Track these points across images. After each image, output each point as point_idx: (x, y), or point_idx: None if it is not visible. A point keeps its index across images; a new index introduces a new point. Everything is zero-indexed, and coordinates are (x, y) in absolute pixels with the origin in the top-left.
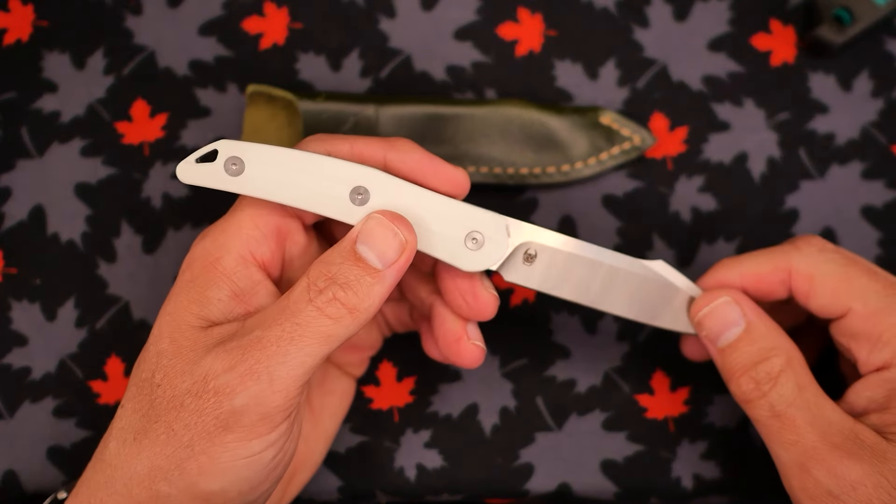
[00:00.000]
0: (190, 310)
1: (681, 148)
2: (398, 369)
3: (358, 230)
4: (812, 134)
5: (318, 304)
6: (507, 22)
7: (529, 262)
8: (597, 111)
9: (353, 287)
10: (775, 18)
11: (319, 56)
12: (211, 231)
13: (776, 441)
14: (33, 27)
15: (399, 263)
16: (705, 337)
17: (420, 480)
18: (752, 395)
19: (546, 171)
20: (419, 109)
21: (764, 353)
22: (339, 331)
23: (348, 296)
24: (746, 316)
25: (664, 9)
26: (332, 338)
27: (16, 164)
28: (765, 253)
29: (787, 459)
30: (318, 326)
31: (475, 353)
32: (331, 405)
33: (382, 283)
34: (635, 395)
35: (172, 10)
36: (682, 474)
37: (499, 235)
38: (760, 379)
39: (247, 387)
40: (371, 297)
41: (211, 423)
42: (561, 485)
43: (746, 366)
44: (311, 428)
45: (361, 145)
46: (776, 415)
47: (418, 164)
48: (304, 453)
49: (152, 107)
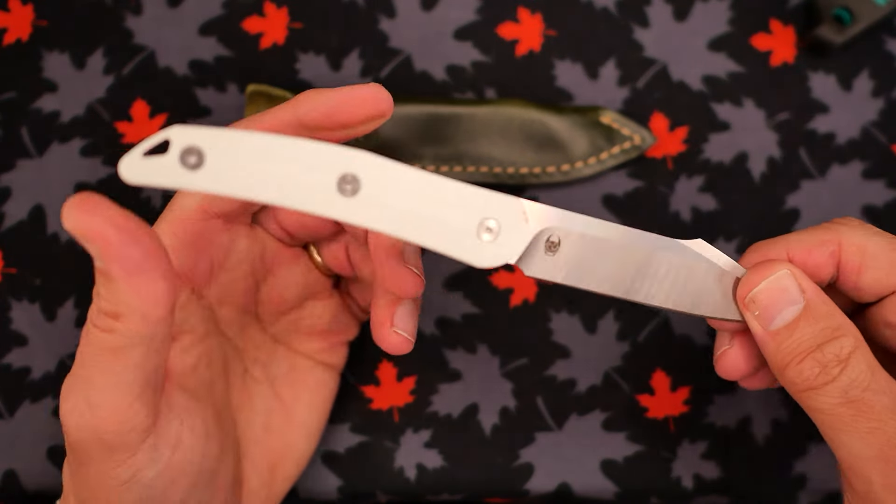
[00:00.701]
0: None
1: (681, 148)
2: (398, 369)
3: None
4: (812, 134)
5: (92, 319)
6: (507, 22)
7: (552, 251)
8: (597, 111)
9: (102, 295)
10: (775, 18)
11: (319, 56)
12: None
13: (850, 431)
14: (33, 27)
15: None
16: (757, 317)
17: (420, 480)
18: (819, 380)
19: (546, 171)
20: (419, 109)
21: (829, 333)
22: (118, 341)
23: (102, 304)
24: (805, 292)
25: (664, 9)
26: (118, 351)
27: (16, 164)
28: (810, 229)
29: (865, 451)
30: (99, 343)
31: (396, 342)
32: (305, 396)
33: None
34: (635, 394)
35: (172, 10)
36: (683, 474)
37: (517, 222)
38: (828, 362)
39: (74, 419)
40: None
41: (74, 461)
42: (561, 485)
43: (809, 347)
44: (283, 421)
45: (270, 120)
46: (850, 401)
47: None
48: (279, 447)
49: (152, 107)
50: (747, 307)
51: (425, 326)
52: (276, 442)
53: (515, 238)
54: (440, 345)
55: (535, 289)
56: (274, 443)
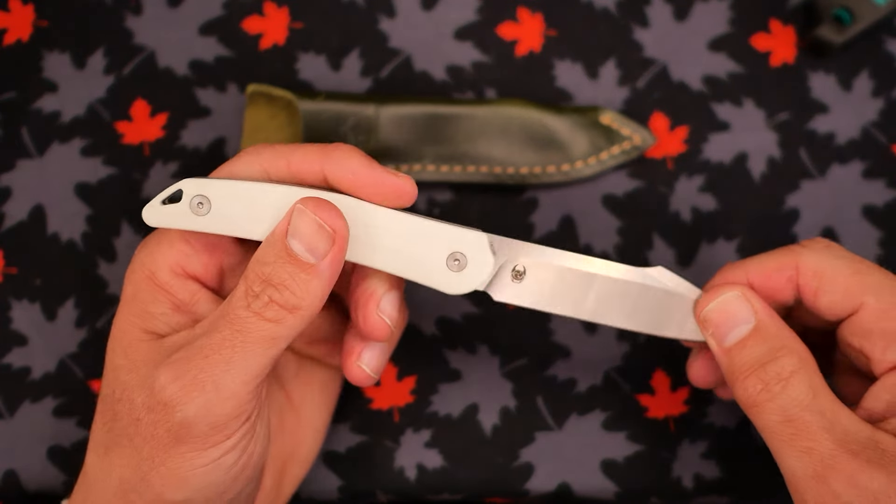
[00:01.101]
0: (135, 324)
1: (681, 148)
2: (398, 369)
3: (286, 222)
4: (812, 134)
5: (256, 308)
6: (507, 22)
7: (518, 279)
8: (597, 111)
9: (288, 286)
10: (775, 18)
11: (319, 56)
12: (147, 243)
13: (788, 449)
14: (33, 27)
15: (333, 255)
16: (711, 335)
17: (420, 480)
18: (761, 397)
19: (546, 171)
20: (419, 109)
21: (774, 353)
22: (282, 332)
23: (285, 296)
24: (757, 313)
25: (664, 9)
26: (275, 340)
27: (16, 164)
28: (770, 253)
29: (801, 470)
30: (259, 331)
31: (360, 376)
32: (312, 397)
33: (320, 278)
34: (636, 394)
35: (172, 10)
36: (683, 474)
37: (482, 254)
38: (769, 380)
39: (192, 398)
40: (311, 294)
41: (164, 435)
42: (561, 485)
43: (754, 365)
44: (294, 421)
45: (299, 160)
46: (788, 419)
47: (356, 174)
48: (290, 447)
49: (152, 106)
50: (704, 326)
51: (425, 326)
52: (288, 442)
53: (481, 269)
54: (440, 345)
55: None
56: (286, 443)
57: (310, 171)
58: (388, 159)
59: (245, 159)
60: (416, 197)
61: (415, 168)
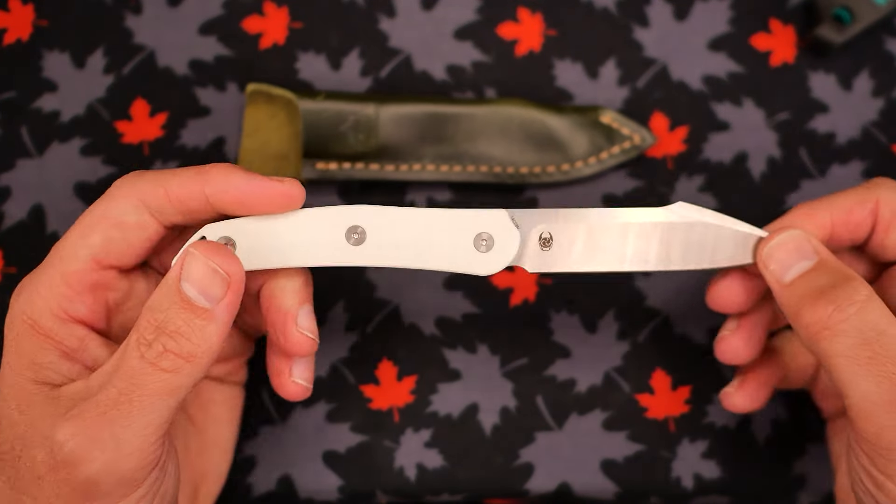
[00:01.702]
0: (25, 377)
1: (681, 147)
2: (398, 369)
3: (180, 267)
4: (812, 133)
5: (150, 358)
6: (507, 21)
7: (547, 246)
8: (597, 110)
9: (183, 333)
10: (775, 18)
11: (319, 55)
12: (25, 287)
13: (863, 373)
14: (33, 27)
15: (228, 299)
16: (773, 271)
17: (420, 480)
18: (833, 319)
19: (546, 171)
20: (419, 109)
21: (842, 280)
22: (180, 381)
23: (181, 344)
24: (819, 253)
25: (664, 8)
26: (174, 391)
27: (16, 164)
28: (850, 190)
29: (877, 394)
30: (156, 382)
31: (296, 391)
32: (216, 414)
33: (216, 323)
34: (635, 394)
35: (172, 10)
36: (683, 474)
37: (506, 229)
38: (842, 301)
39: (94, 456)
40: (207, 341)
41: (70, 493)
42: (561, 485)
43: (823, 289)
44: (199, 443)
45: (177, 186)
46: (865, 342)
47: (240, 191)
48: (200, 469)
49: (152, 106)
50: (765, 263)
51: (425, 326)
52: (196, 464)
53: (508, 243)
54: (440, 345)
55: (535, 289)
56: (194, 465)
57: (190, 196)
58: (388, 159)
59: (120, 194)
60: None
61: (415, 168)
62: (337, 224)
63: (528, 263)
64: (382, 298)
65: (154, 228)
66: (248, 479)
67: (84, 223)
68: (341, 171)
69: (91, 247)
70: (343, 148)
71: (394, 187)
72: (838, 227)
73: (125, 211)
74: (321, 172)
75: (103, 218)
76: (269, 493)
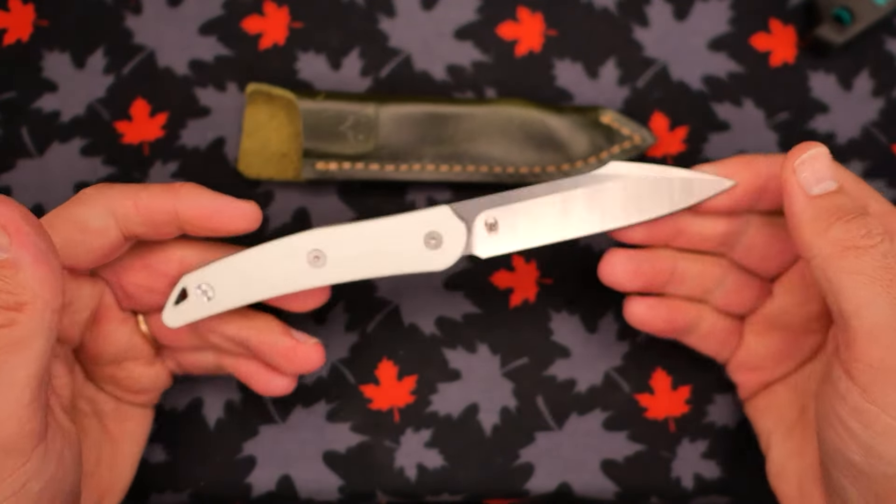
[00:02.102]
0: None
1: (681, 147)
2: (398, 369)
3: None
4: (812, 133)
5: None
6: (507, 21)
7: (494, 230)
8: (597, 110)
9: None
10: (775, 18)
11: (319, 55)
12: None
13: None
14: (33, 27)
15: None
16: (799, 181)
17: (420, 480)
18: (864, 242)
19: (546, 171)
20: (419, 109)
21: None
22: (22, 333)
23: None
24: (842, 179)
25: (664, 8)
26: (22, 343)
27: (16, 164)
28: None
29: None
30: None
31: (317, 352)
32: (130, 431)
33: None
34: (635, 394)
35: (172, 10)
36: (683, 474)
37: (451, 222)
38: (872, 228)
39: None
40: (27, 286)
41: None
42: (561, 485)
43: (854, 212)
44: (111, 455)
45: (147, 199)
46: (888, 267)
47: (208, 209)
48: (108, 481)
49: (152, 106)
50: (797, 169)
51: (425, 326)
52: (105, 476)
53: (455, 236)
54: (440, 345)
55: (535, 289)
56: (103, 477)
57: (160, 209)
58: (388, 159)
59: (88, 200)
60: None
61: (415, 168)
62: (298, 250)
63: (480, 250)
64: (382, 298)
65: (114, 236)
66: (247, 479)
67: (47, 221)
68: (341, 171)
69: None
70: (343, 148)
71: (394, 187)
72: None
73: (91, 216)
74: (321, 172)
75: (67, 220)
76: (269, 493)
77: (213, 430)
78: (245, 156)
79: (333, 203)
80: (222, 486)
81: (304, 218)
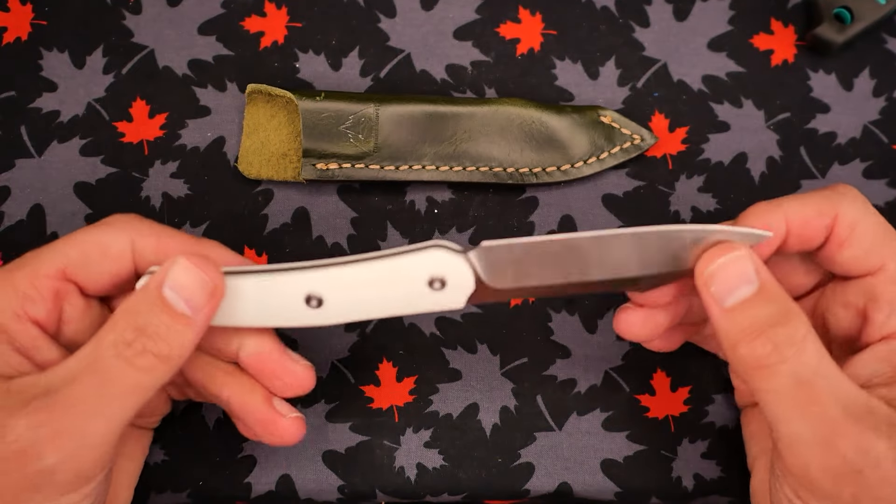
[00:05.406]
0: None
1: (681, 147)
2: (398, 369)
3: (164, 274)
4: (813, 133)
5: (128, 356)
6: (508, 21)
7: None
8: (597, 110)
9: (163, 337)
10: (775, 18)
11: (319, 55)
12: None
13: (797, 414)
14: (32, 26)
15: (208, 308)
16: (712, 294)
17: (420, 480)
18: (771, 359)
19: (546, 171)
20: (419, 108)
21: (782, 317)
22: (150, 382)
23: (159, 346)
24: (760, 275)
25: (664, 8)
26: (144, 390)
27: (15, 164)
28: (808, 196)
29: (808, 434)
30: (128, 380)
31: (296, 427)
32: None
33: (193, 329)
34: (636, 394)
35: (172, 9)
36: (683, 474)
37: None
38: (781, 342)
39: (57, 447)
40: (182, 346)
41: (15, 484)
42: (561, 485)
43: (761, 327)
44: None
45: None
46: (800, 383)
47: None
48: (110, 498)
49: (152, 106)
50: (706, 283)
51: (425, 326)
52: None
53: (461, 274)
54: (440, 345)
55: None
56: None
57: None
58: (388, 159)
59: (116, 224)
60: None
61: (415, 168)
62: (294, 293)
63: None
64: None
65: (128, 266)
66: (247, 479)
67: (70, 236)
68: (341, 171)
69: (66, 257)
70: (343, 148)
71: (394, 187)
72: (792, 236)
73: (113, 239)
74: (321, 172)
75: (90, 240)
76: (269, 493)
77: (212, 430)
78: (245, 155)
79: (333, 203)
80: (222, 486)
81: (304, 218)
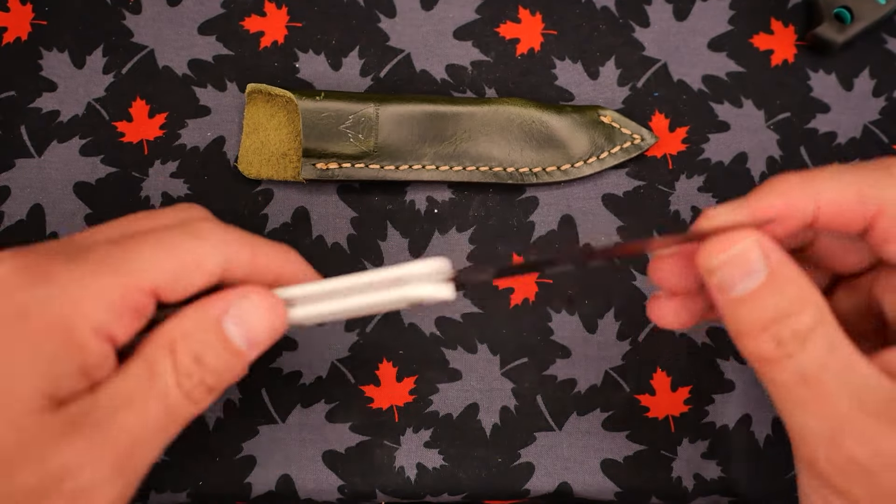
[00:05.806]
0: (34, 385)
1: (681, 147)
2: (398, 369)
3: (228, 306)
4: (813, 133)
5: (187, 388)
6: (508, 21)
7: None
8: (597, 110)
9: (219, 371)
10: (775, 18)
11: (319, 55)
12: (59, 277)
13: (803, 410)
14: (32, 26)
15: (264, 347)
16: (717, 286)
17: (420, 480)
18: (775, 354)
19: (546, 170)
20: (419, 108)
21: (789, 307)
22: (198, 412)
23: (212, 378)
24: (770, 261)
25: (664, 8)
26: (190, 419)
27: (15, 163)
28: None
29: (816, 429)
30: (184, 411)
31: None
32: None
33: (244, 364)
34: (636, 394)
35: (172, 9)
36: (683, 474)
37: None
38: (785, 338)
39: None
40: (231, 380)
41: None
42: (561, 485)
43: (766, 321)
44: None
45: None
46: (804, 380)
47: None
48: None
49: (152, 106)
50: (710, 273)
51: (425, 326)
52: None
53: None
54: (440, 345)
55: (535, 288)
56: None
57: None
58: (388, 159)
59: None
60: None
61: (415, 167)
62: None
63: None
64: None
65: (214, 281)
66: (248, 479)
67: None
68: (341, 170)
69: (163, 272)
70: (343, 148)
71: (394, 187)
72: (823, 220)
73: (209, 255)
74: (321, 172)
75: (186, 253)
76: (269, 493)
77: (212, 430)
78: (245, 155)
79: (333, 203)
80: (222, 486)
81: (304, 217)
